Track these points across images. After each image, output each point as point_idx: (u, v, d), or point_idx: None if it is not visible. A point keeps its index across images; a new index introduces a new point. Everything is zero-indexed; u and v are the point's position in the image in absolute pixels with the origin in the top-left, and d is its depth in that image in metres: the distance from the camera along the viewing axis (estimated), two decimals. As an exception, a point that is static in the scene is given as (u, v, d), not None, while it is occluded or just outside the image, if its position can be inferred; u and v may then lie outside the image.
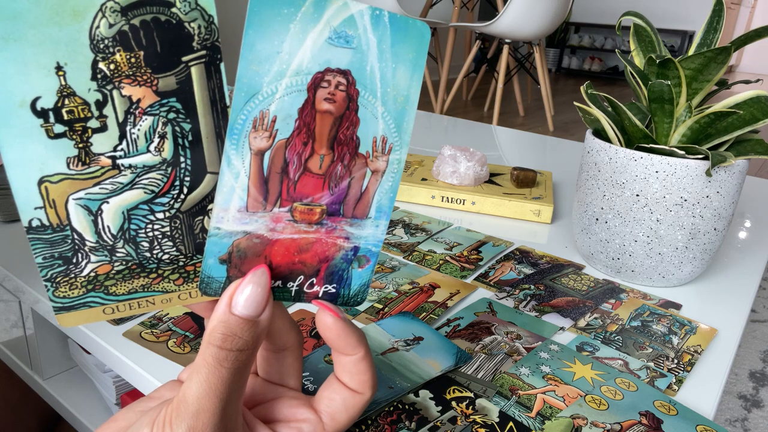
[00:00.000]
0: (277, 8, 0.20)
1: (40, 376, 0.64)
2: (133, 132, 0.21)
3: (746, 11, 6.78)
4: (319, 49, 0.21)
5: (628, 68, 0.56)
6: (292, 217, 0.24)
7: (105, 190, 0.22)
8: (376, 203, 0.24)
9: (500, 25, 2.75)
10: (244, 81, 0.21)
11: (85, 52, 0.19)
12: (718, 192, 0.53)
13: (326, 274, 0.25)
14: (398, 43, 0.21)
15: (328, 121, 0.22)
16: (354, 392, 0.28)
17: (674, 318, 0.53)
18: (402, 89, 0.22)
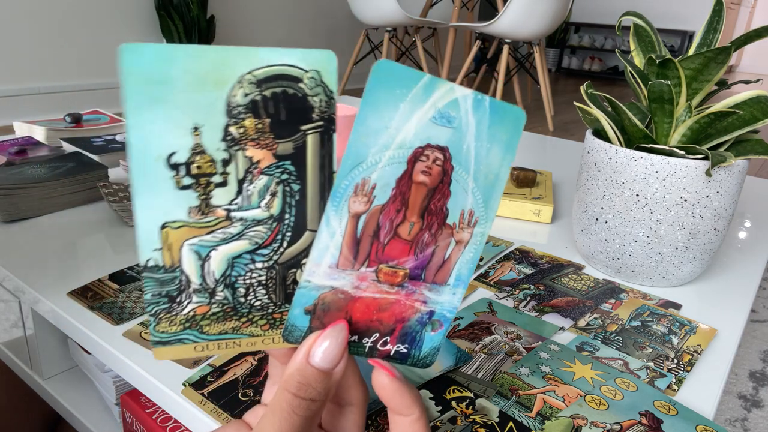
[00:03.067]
0: (392, 90, 0.22)
1: (40, 376, 0.64)
2: (249, 189, 0.23)
3: (746, 11, 6.78)
4: (423, 126, 0.23)
5: (628, 68, 0.56)
6: (377, 278, 0.25)
7: (216, 239, 0.24)
8: (456, 272, 0.26)
9: (500, 25, 2.75)
10: (353, 150, 0.23)
11: (219, 117, 0.22)
12: (718, 192, 0.53)
13: (400, 334, 0.26)
14: (495, 125, 0.23)
15: (422, 192, 0.24)
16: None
17: (674, 318, 0.53)
18: (494, 168, 0.24)
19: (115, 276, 0.54)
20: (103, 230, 0.64)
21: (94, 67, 2.79)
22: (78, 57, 2.72)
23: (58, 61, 2.65)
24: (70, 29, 2.65)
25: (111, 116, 1.08)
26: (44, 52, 2.60)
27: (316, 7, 3.78)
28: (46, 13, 2.56)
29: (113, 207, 0.65)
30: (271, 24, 3.53)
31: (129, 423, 0.56)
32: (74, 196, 0.70)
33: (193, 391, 0.39)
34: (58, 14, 2.60)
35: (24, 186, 0.66)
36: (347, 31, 4.02)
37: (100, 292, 0.51)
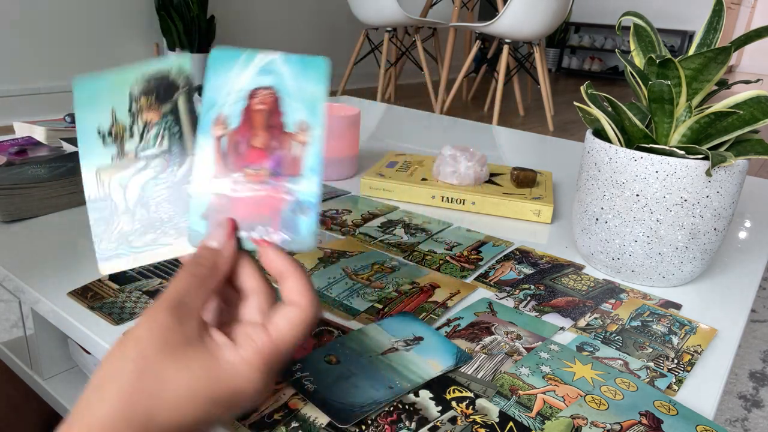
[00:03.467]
0: (225, 61, 0.34)
1: (40, 376, 0.64)
2: (147, 137, 0.36)
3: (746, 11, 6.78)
4: (251, 78, 0.34)
5: (628, 68, 0.56)
6: (246, 179, 0.34)
7: (130, 172, 0.36)
8: (306, 163, 0.34)
9: (500, 25, 2.75)
10: (207, 98, 0.34)
11: (125, 100, 0.36)
12: (718, 192, 0.53)
13: (279, 223, 0.34)
14: (305, 68, 0.34)
15: (262, 115, 0.34)
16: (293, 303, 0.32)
17: (674, 318, 0.53)
18: (310, 91, 0.34)
19: (115, 276, 0.54)
20: (103, 230, 0.64)
21: (94, 67, 2.79)
22: (78, 57, 2.72)
23: (58, 61, 2.65)
24: (70, 29, 2.65)
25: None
26: (44, 52, 2.60)
27: (316, 7, 3.78)
28: (46, 13, 2.56)
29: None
30: (271, 24, 3.53)
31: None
32: (74, 196, 0.70)
33: (193, 391, 0.39)
34: (58, 14, 2.60)
35: (24, 186, 0.66)
36: (347, 31, 4.02)
37: (100, 292, 0.51)
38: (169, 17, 2.82)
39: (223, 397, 0.29)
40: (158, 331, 0.29)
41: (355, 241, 0.64)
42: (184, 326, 0.30)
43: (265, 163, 0.34)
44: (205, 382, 0.29)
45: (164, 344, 0.29)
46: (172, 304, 0.30)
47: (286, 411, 0.38)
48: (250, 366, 0.30)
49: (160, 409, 0.28)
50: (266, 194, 0.34)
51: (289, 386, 0.40)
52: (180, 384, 0.28)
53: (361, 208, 0.74)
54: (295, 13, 3.66)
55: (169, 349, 0.29)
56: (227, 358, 0.30)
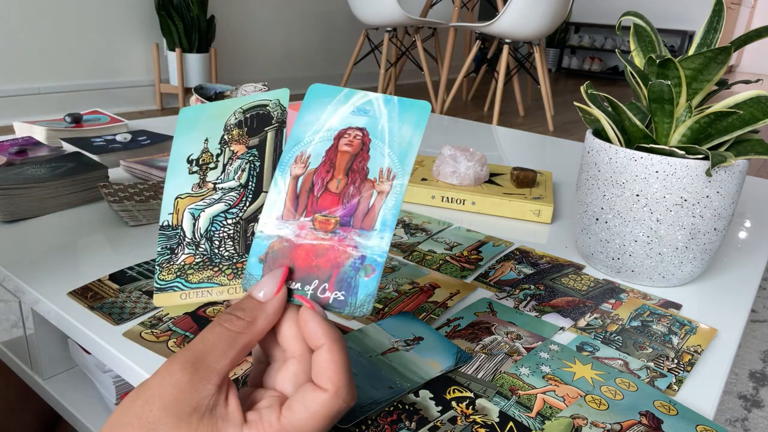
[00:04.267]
0: (320, 98, 0.33)
1: (40, 376, 0.64)
2: (229, 169, 0.36)
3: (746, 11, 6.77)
4: (344, 117, 0.32)
5: (628, 68, 0.56)
6: (313, 226, 0.32)
7: (205, 203, 0.35)
8: (381, 218, 0.31)
9: (500, 25, 2.75)
10: (294, 134, 0.33)
11: (219, 131, 0.36)
12: (718, 192, 0.53)
13: (336, 280, 0.31)
14: (404, 112, 0.32)
15: (346, 157, 0.32)
16: (316, 387, 0.29)
17: (674, 318, 0.53)
18: (406, 138, 0.31)
19: (115, 276, 0.54)
20: (103, 230, 0.64)
21: (94, 67, 2.79)
22: (78, 57, 2.72)
23: (58, 61, 2.65)
24: (71, 29, 2.65)
25: (111, 116, 1.08)
26: (44, 52, 2.60)
27: (316, 7, 3.78)
28: (46, 13, 2.56)
29: (113, 207, 0.65)
30: (271, 24, 3.53)
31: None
32: (74, 196, 0.70)
33: (193, 391, 0.39)
34: (58, 14, 2.60)
35: (24, 186, 0.66)
36: (347, 31, 4.02)
37: (100, 292, 0.51)
38: (169, 17, 2.82)
39: None
40: (170, 390, 0.28)
41: (355, 241, 0.64)
42: (198, 389, 0.28)
43: (337, 211, 0.31)
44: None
45: (172, 405, 0.27)
46: (192, 361, 0.28)
47: (286, 411, 0.38)
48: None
49: None
50: (330, 246, 0.31)
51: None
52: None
53: (361, 208, 0.74)
54: (295, 13, 3.66)
55: (174, 412, 0.27)
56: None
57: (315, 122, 0.33)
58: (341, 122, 0.32)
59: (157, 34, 2.96)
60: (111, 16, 2.79)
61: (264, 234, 0.32)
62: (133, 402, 0.28)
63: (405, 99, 0.32)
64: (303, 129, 0.33)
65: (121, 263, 0.56)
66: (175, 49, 2.88)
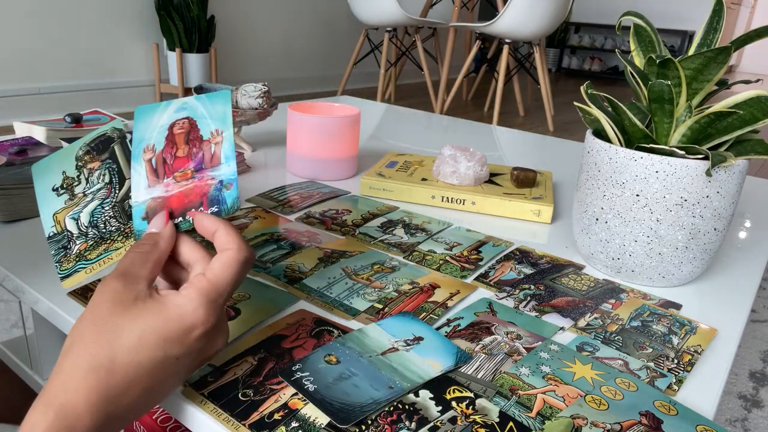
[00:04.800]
0: (147, 111, 0.40)
1: (40, 376, 0.64)
2: (91, 179, 0.42)
3: (746, 11, 6.77)
4: (170, 116, 0.41)
5: (628, 68, 0.56)
6: (176, 180, 0.41)
7: (80, 207, 0.42)
8: (223, 155, 0.41)
9: (500, 25, 2.75)
10: (136, 138, 0.40)
11: (72, 162, 0.42)
12: (718, 192, 0.53)
13: (208, 201, 0.41)
14: (213, 98, 0.41)
15: (182, 136, 0.41)
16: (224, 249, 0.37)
17: (674, 318, 0.53)
18: (220, 111, 0.41)
19: (115, 276, 0.54)
20: (103, 230, 0.64)
21: (94, 67, 2.79)
22: (78, 57, 2.72)
23: (58, 61, 2.65)
24: (70, 29, 2.65)
25: (111, 116, 1.08)
26: (44, 52, 2.60)
27: (316, 7, 3.78)
28: (46, 13, 2.56)
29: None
30: (271, 24, 3.53)
31: (129, 423, 0.55)
32: (74, 196, 0.70)
33: (193, 391, 0.39)
34: (58, 14, 2.60)
35: (24, 186, 0.66)
36: (347, 31, 4.02)
37: (100, 292, 0.51)
38: (169, 17, 2.82)
39: (174, 334, 0.34)
40: (109, 294, 0.35)
41: (355, 241, 0.64)
42: (132, 287, 0.35)
43: (190, 165, 0.41)
44: (154, 323, 0.34)
45: (115, 303, 0.34)
46: (119, 273, 0.36)
47: (286, 411, 0.38)
48: (192, 301, 0.35)
49: (118, 353, 0.33)
50: (194, 185, 0.41)
51: (289, 386, 0.40)
52: (132, 330, 0.34)
53: (361, 208, 0.74)
54: (295, 13, 3.66)
55: (120, 306, 0.34)
56: (173, 300, 0.35)
57: (149, 126, 0.40)
58: (169, 119, 0.41)
59: (157, 34, 2.96)
60: (111, 16, 2.79)
61: (138, 201, 0.41)
62: (81, 317, 0.35)
63: (209, 93, 0.41)
64: (142, 133, 0.40)
65: (121, 263, 0.56)
66: (175, 49, 2.88)
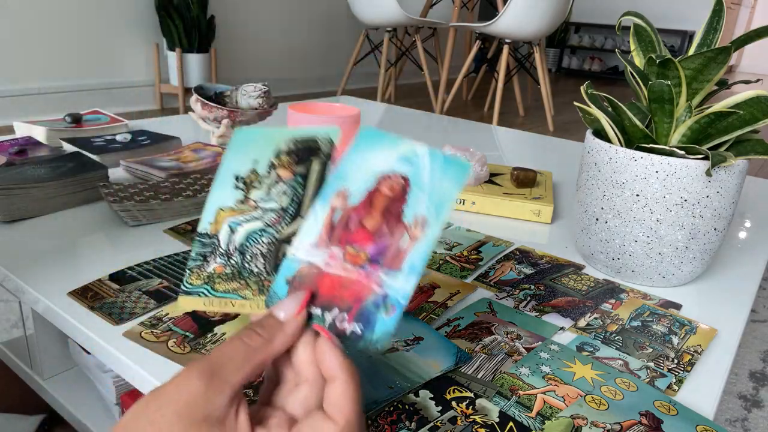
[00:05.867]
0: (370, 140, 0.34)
1: (40, 376, 0.64)
2: (272, 191, 0.37)
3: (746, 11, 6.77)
4: (389, 163, 0.33)
5: (628, 68, 0.56)
6: (343, 257, 0.32)
7: (244, 218, 0.37)
8: (409, 261, 0.31)
9: (500, 25, 2.75)
10: (340, 171, 0.34)
11: (269, 155, 0.37)
12: (718, 192, 0.53)
13: (357, 313, 0.31)
14: (447, 167, 0.32)
15: (385, 200, 0.33)
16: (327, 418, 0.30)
17: (674, 318, 0.53)
18: (444, 192, 0.32)
19: (115, 276, 0.54)
20: (103, 230, 0.64)
21: (94, 67, 2.79)
22: (78, 57, 2.72)
23: (58, 61, 2.65)
24: (70, 29, 2.65)
25: (111, 116, 1.08)
26: (44, 52, 2.60)
27: (316, 7, 3.78)
28: (46, 13, 2.56)
29: (113, 207, 0.65)
30: (271, 24, 3.53)
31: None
32: (74, 196, 0.70)
33: (193, 391, 0.39)
34: (58, 14, 2.60)
35: (24, 186, 0.66)
36: (347, 31, 4.02)
37: (100, 292, 0.51)
38: (169, 17, 2.82)
39: None
40: (185, 396, 0.28)
41: (355, 241, 0.64)
42: (212, 398, 0.29)
43: (369, 247, 0.32)
44: None
45: (185, 411, 0.28)
46: (208, 371, 0.29)
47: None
48: None
49: None
50: (356, 279, 0.32)
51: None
52: None
53: (361, 208, 0.74)
54: (295, 13, 3.66)
55: (187, 417, 0.28)
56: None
57: (361, 162, 0.34)
58: (386, 167, 0.33)
59: (157, 34, 2.96)
60: (111, 16, 2.79)
61: (295, 257, 0.33)
62: (147, 405, 0.28)
63: (449, 156, 0.32)
64: (348, 166, 0.34)
65: (121, 263, 0.56)
66: (175, 49, 2.88)
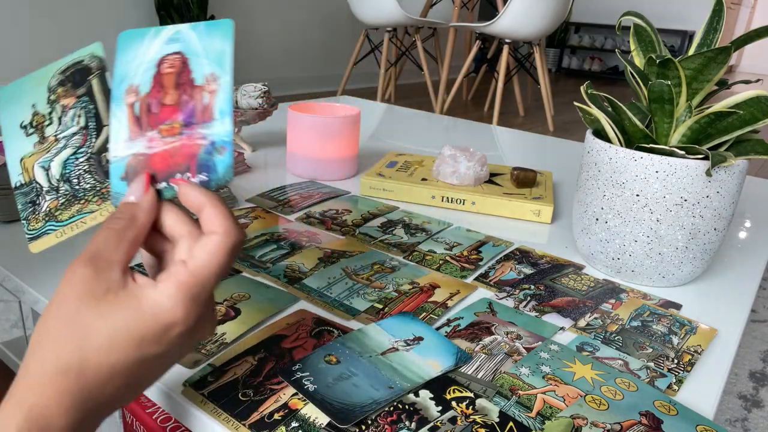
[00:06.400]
0: (133, 39, 0.36)
1: (40, 376, 0.64)
2: (64, 119, 0.37)
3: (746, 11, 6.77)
4: (159, 48, 0.35)
5: (628, 68, 0.56)
6: (160, 135, 0.35)
7: (51, 154, 0.37)
8: (218, 109, 0.34)
9: (500, 25, 2.75)
10: (119, 72, 0.36)
11: (44, 94, 0.38)
12: (718, 192, 0.53)
13: (196, 166, 0.34)
14: (211, 30, 0.35)
15: (171, 77, 0.35)
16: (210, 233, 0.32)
17: (674, 318, 0.53)
18: (217, 48, 0.35)
19: (115, 276, 0.54)
20: (103, 230, 0.64)
21: (94, 67, 2.79)
22: (78, 57, 2.72)
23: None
24: (70, 29, 2.65)
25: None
26: (44, 52, 2.60)
27: (316, 7, 3.78)
28: (46, 13, 2.56)
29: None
30: (270, 24, 3.53)
31: (129, 423, 0.56)
32: (74, 196, 0.70)
33: (193, 392, 0.39)
34: (57, 15, 2.60)
35: (24, 186, 0.66)
36: (347, 31, 4.02)
37: (100, 292, 0.51)
38: (169, 17, 2.82)
39: (150, 333, 0.30)
40: (78, 284, 0.30)
41: (355, 241, 0.64)
42: (103, 275, 0.31)
43: (178, 117, 0.35)
44: (128, 322, 0.30)
45: (84, 294, 0.30)
46: (89, 256, 0.31)
47: (286, 411, 0.38)
48: (170, 298, 0.31)
49: (88, 355, 0.29)
50: (181, 144, 0.35)
51: (289, 386, 0.40)
52: (104, 328, 0.30)
53: (361, 208, 0.74)
54: (295, 14, 3.66)
55: (89, 298, 0.30)
56: (148, 295, 0.31)
57: (134, 59, 0.35)
58: (158, 53, 0.35)
59: (157, 34, 2.96)
60: (111, 16, 2.79)
61: (118, 156, 0.35)
62: (48, 309, 0.31)
63: (207, 22, 0.35)
64: (125, 67, 0.36)
65: (121, 263, 0.56)
66: (175, 49, 2.88)
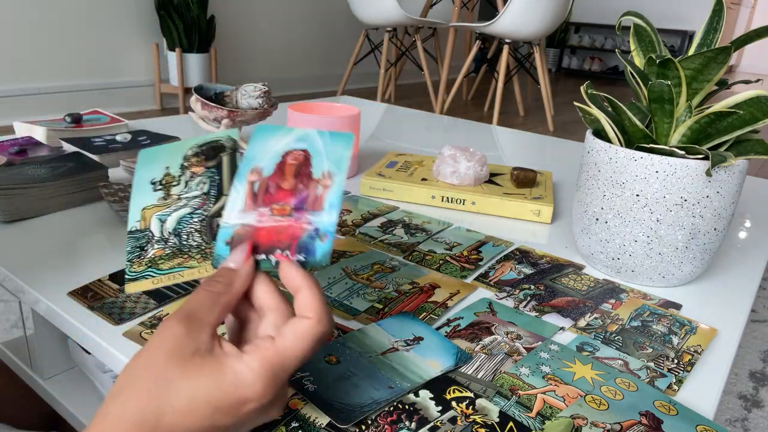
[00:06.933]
0: (267, 132, 0.40)
1: (40, 376, 0.64)
2: (191, 183, 0.41)
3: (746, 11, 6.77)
4: (288, 143, 0.39)
5: (628, 68, 0.56)
6: (271, 213, 0.37)
7: (171, 209, 0.40)
8: (328, 201, 0.37)
9: (500, 25, 2.75)
10: (249, 155, 0.39)
11: (179, 160, 0.42)
12: (718, 192, 0.53)
13: (297, 247, 0.37)
14: (335, 138, 0.39)
15: (293, 167, 0.38)
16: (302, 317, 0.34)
17: (674, 318, 0.53)
18: (338, 152, 0.38)
19: (115, 276, 0.54)
20: (103, 230, 0.64)
21: (94, 67, 2.79)
22: (78, 57, 2.72)
23: (58, 61, 2.65)
24: (70, 29, 2.65)
25: (111, 116, 1.08)
26: (44, 52, 2.60)
27: (316, 7, 3.78)
28: (46, 13, 2.56)
29: (113, 207, 0.65)
30: (271, 24, 3.53)
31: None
32: (74, 196, 0.70)
33: (193, 391, 0.39)
34: (58, 14, 2.60)
35: (24, 186, 0.66)
36: (347, 31, 4.02)
37: (100, 292, 0.51)
38: (169, 17, 2.82)
39: (226, 404, 0.31)
40: (169, 339, 0.31)
41: (355, 241, 0.64)
42: (195, 336, 0.32)
43: (291, 201, 0.37)
44: (208, 389, 0.30)
45: (174, 353, 0.31)
46: (184, 315, 0.32)
47: (286, 411, 0.38)
48: (252, 373, 0.31)
49: (167, 413, 0.30)
50: (288, 224, 0.37)
51: (289, 386, 0.40)
52: (185, 390, 0.30)
53: (361, 208, 0.74)
54: (295, 13, 3.66)
55: (178, 357, 0.31)
56: (232, 365, 0.31)
57: (264, 147, 0.39)
58: (286, 146, 0.39)
59: (157, 34, 2.96)
60: (111, 16, 2.79)
61: (228, 223, 0.37)
62: (137, 358, 0.31)
63: (334, 132, 0.39)
64: (254, 152, 0.39)
65: (121, 263, 0.56)
66: (175, 49, 2.88)
